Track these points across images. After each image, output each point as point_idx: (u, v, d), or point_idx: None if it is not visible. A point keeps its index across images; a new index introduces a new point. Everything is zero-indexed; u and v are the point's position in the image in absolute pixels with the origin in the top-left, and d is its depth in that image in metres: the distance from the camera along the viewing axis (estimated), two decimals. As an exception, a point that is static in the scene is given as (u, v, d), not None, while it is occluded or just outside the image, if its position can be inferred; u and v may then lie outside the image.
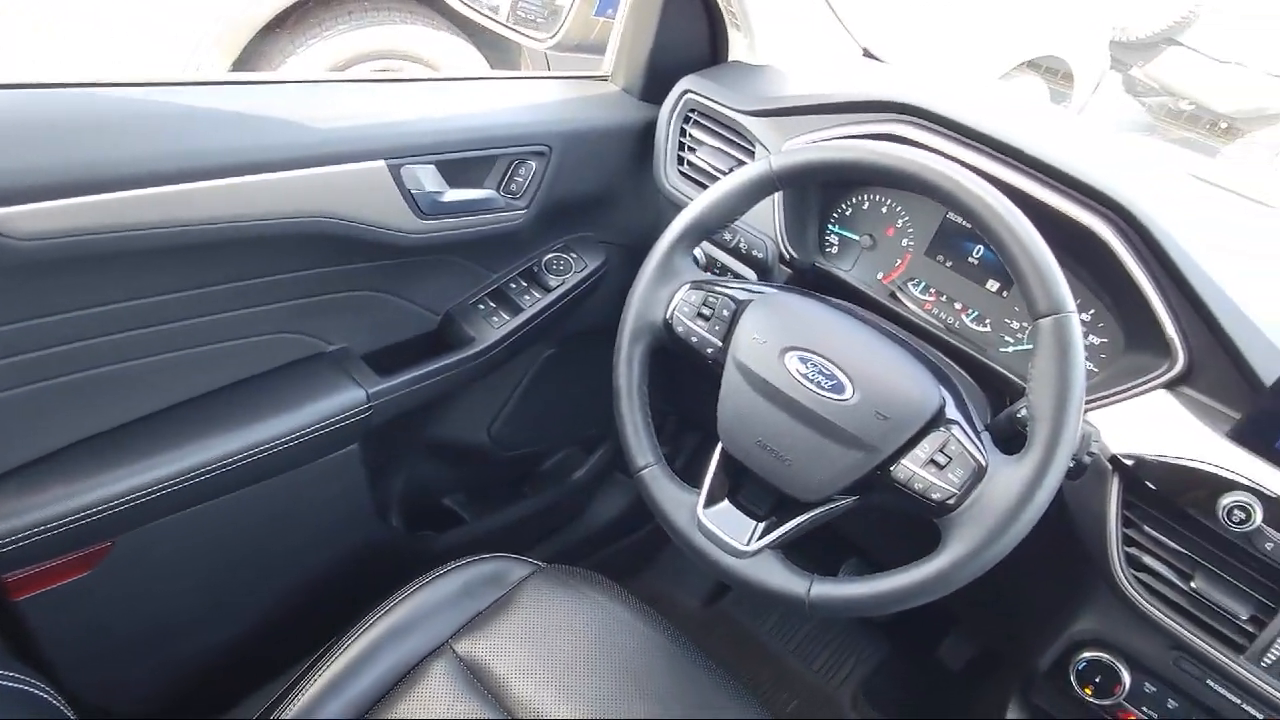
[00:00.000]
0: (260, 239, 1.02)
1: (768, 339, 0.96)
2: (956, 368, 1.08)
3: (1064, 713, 1.24)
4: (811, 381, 0.92)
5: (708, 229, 1.02)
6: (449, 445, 1.54)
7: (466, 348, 1.30)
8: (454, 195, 1.17)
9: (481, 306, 1.35)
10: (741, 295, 1.01)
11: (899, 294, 1.23)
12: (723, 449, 1.00)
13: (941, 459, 0.87)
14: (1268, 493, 0.87)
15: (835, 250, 1.28)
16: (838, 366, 0.92)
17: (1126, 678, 1.02)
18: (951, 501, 0.86)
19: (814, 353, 0.94)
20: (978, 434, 0.89)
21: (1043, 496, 0.82)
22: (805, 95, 1.21)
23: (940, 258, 1.20)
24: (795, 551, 0.96)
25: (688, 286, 1.03)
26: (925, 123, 1.12)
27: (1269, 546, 0.86)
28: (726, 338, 0.99)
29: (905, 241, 1.22)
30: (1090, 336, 1.10)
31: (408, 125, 1.12)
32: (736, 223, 1.17)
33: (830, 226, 1.28)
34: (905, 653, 1.95)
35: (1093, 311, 1.09)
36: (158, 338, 1.04)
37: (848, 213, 1.26)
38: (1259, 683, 0.90)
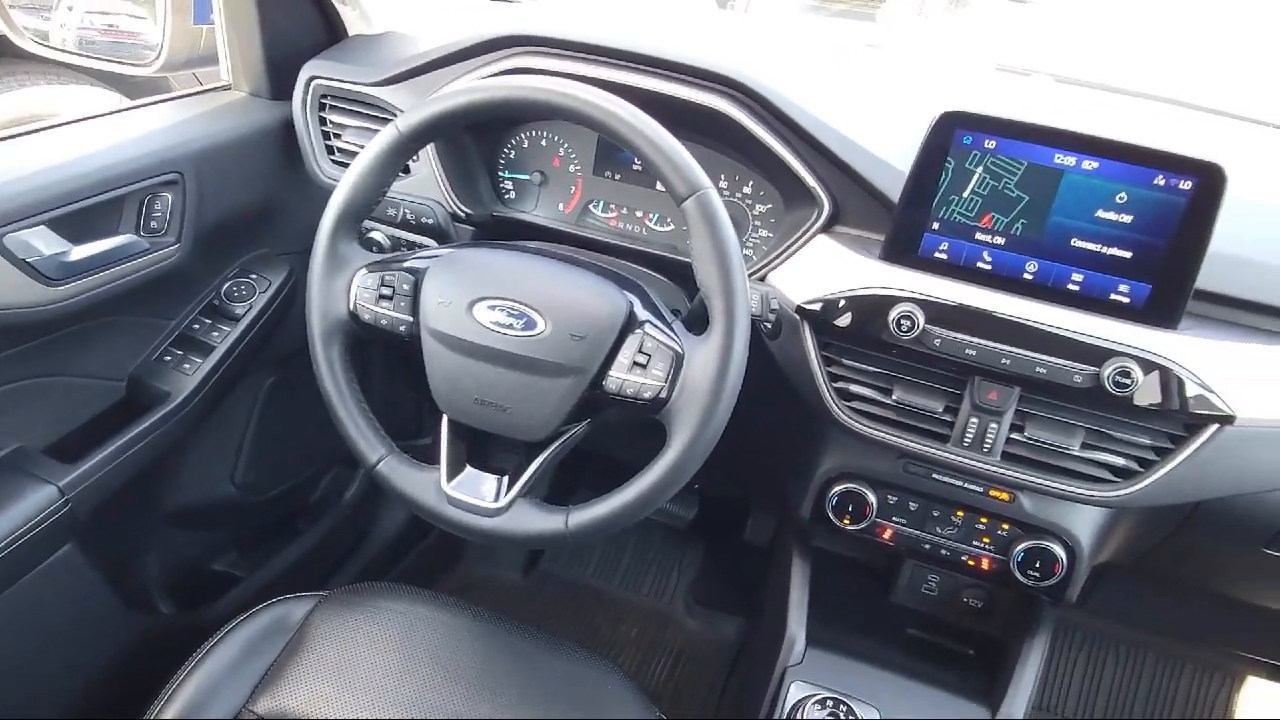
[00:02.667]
0: None
1: (452, 299, 0.94)
2: (643, 270, 1.12)
3: (840, 547, 1.35)
4: (504, 326, 0.92)
5: (359, 210, 0.99)
6: (194, 508, 1.43)
7: (163, 405, 1.20)
8: (84, 251, 1.06)
9: (169, 357, 1.25)
10: (418, 264, 0.99)
11: (585, 218, 1.25)
12: (448, 418, 0.99)
13: (642, 359, 0.90)
14: (921, 297, 0.96)
15: (514, 195, 1.28)
16: (524, 304, 0.92)
17: (872, 498, 1.12)
18: (663, 395, 0.89)
19: (500, 298, 0.93)
20: (669, 325, 0.93)
21: (736, 362, 0.87)
22: (429, 51, 1.19)
23: (609, 174, 1.23)
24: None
25: (363, 272, 0.99)
26: (549, 49, 1.13)
27: (938, 343, 0.96)
28: (415, 311, 0.97)
29: (573, 168, 1.24)
30: (756, 206, 1.17)
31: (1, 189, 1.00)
32: (397, 195, 1.14)
33: (501, 173, 1.28)
34: (718, 548, 2.05)
35: (751, 183, 1.16)
36: None
37: (512, 155, 1.26)
38: (967, 461, 1.01)
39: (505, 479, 0.96)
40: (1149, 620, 1.70)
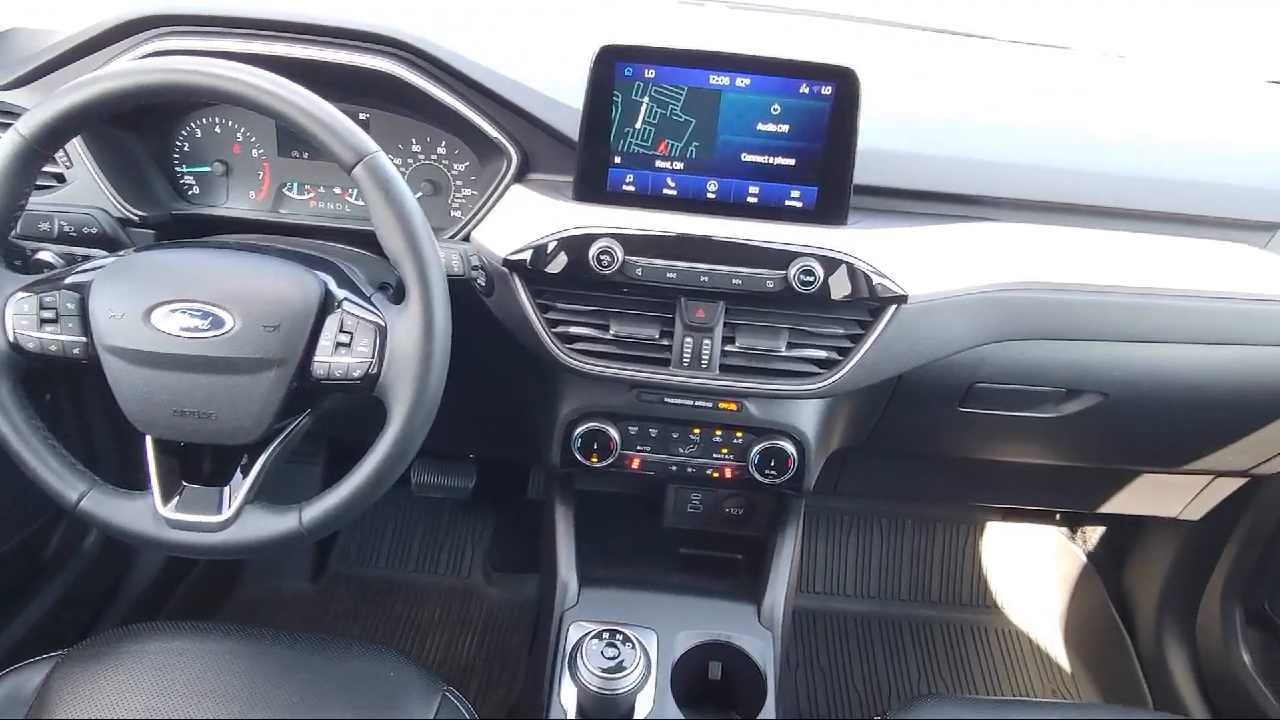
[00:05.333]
0: None
1: (124, 310, 0.87)
2: (347, 248, 1.08)
3: (602, 485, 1.39)
4: (189, 329, 0.86)
5: None
6: None
7: None
8: None
9: None
10: (81, 279, 0.90)
11: (281, 203, 1.19)
12: (150, 438, 0.92)
13: (345, 338, 0.87)
14: (616, 230, 0.99)
15: (197, 190, 1.19)
16: (208, 303, 0.87)
17: (614, 432, 1.15)
18: (373, 370, 0.87)
19: (179, 300, 0.87)
20: (368, 300, 0.90)
21: (440, 325, 0.85)
22: (60, 43, 1.07)
23: (295, 153, 1.17)
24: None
25: (18, 296, 0.89)
26: (194, 27, 1.05)
27: (639, 272, 0.99)
28: (87, 330, 0.89)
29: (256, 153, 1.17)
30: (454, 165, 1.15)
31: None
32: (44, 208, 1.04)
33: (178, 168, 1.18)
34: (506, 512, 2.05)
35: (444, 143, 1.14)
36: None
37: (186, 148, 1.17)
38: (690, 379, 1.06)
39: (227, 489, 0.91)
40: (898, 492, 1.88)
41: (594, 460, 1.16)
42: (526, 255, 1.01)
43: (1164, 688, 1.72)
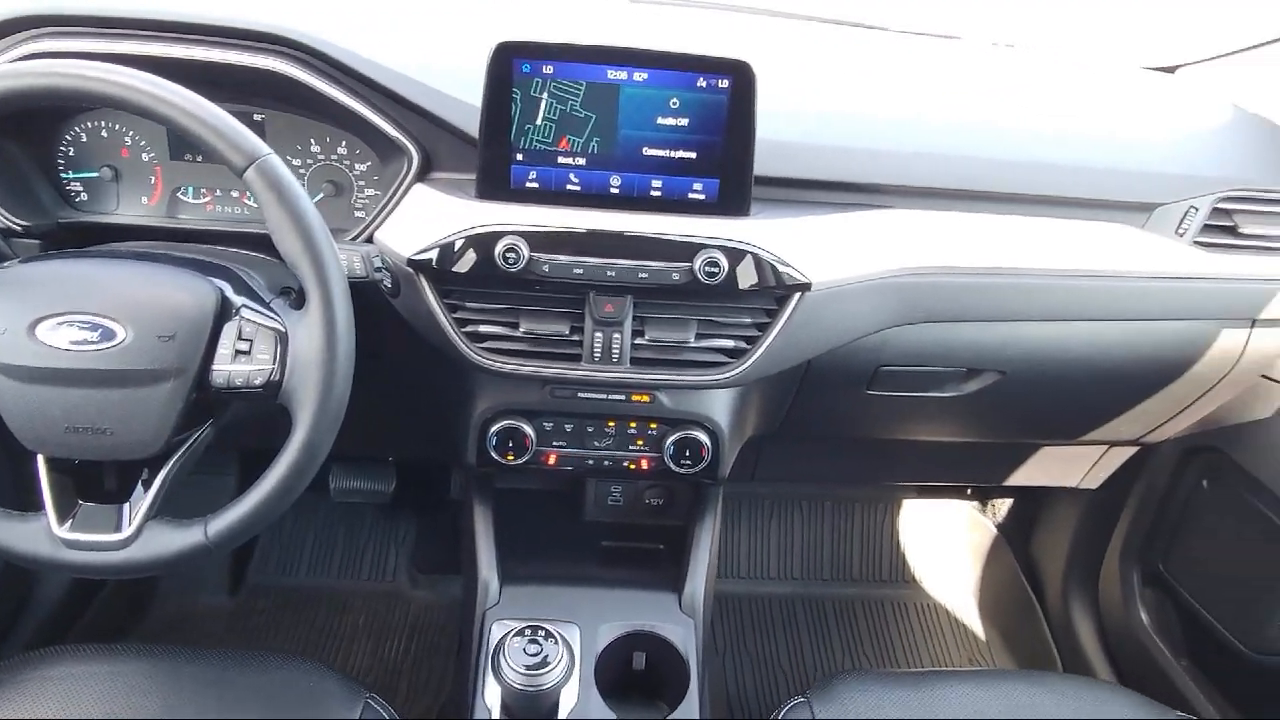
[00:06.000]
0: None
1: (6, 325, 0.83)
2: (246, 253, 1.05)
3: (522, 482, 1.39)
4: (79, 342, 0.83)
5: None
6: None
7: None
8: None
9: None
10: None
11: (176, 209, 1.15)
12: (41, 457, 0.88)
13: (244, 345, 0.85)
14: (521, 228, 0.99)
15: (85, 197, 1.15)
16: (97, 315, 0.84)
17: (529, 429, 1.15)
18: (275, 377, 0.85)
19: (66, 313, 0.84)
20: (268, 305, 0.89)
21: (342, 328, 0.84)
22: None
23: (189, 156, 1.13)
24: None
25: None
26: (73, 28, 1.01)
27: (546, 268, 0.99)
28: None
29: (146, 156, 1.13)
30: (355, 165, 1.13)
31: None
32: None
33: (63, 174, 1.14)
34: (429, 513, 2.03)
35: (344, 143, 1.12)
36: None
37: (72, 153, 1.13)
38: (602, 374, 1.06)
39: (127, 506, 0.88)
40: (815, 475, 1.92)
41: (510, 458, 1.16)
42: (432, 255, 1.00)
43: (1072, 650, 1.80)
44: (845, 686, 1.09)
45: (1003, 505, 2.07)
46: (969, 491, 2.09)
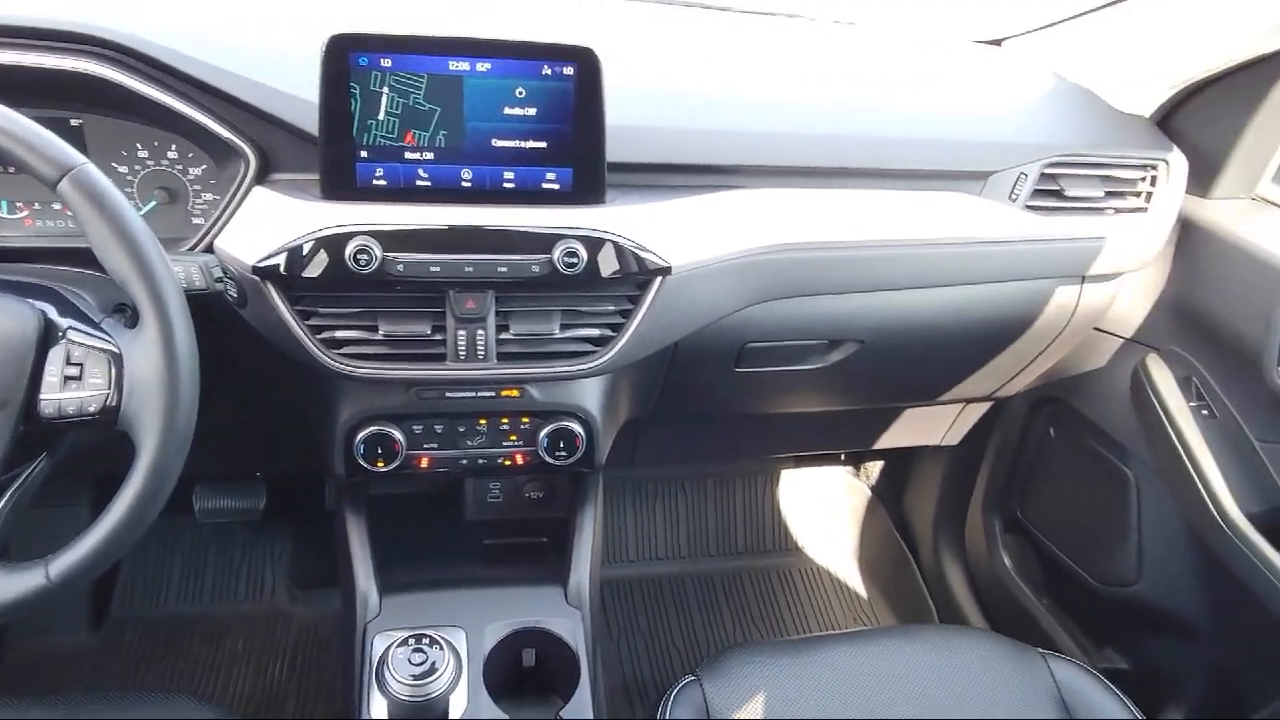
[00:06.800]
0: None
1: None
2: (72, 271, 0.98)
3: (397, 488, 1.35)
4: None
5: None
6: None
7: None
8: None
9: None
10: None
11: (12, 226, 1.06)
12: None
13: (73, 370, 0.80)
14: (370, 227, 0.95)
15: None
16: None
17: (398, 434, 1.12)
18: (112, 402, 0.80)
19: None
20: (97, 326, 0.83)
21: (183, 344, 0.79)
22: None
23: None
24: None
25: None
26: None
27: (401, 268, 0.96)
28: None
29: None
30: (189, 170, 1.07)
31: None
32: None
33: None
34: (304, 526, 1.96)
35: (175, 147, 1.06)
36: None
37: None
38: (469, 372, 1.04)
39: None
40: (694, 455, 1.95)
41: (381, 465, 1.13)
42: (278, 261, 0.95)
43: (945, 600, 1.89)
44: (733, 661, 1.12)
45: (874, 468, 2.16)
46: (842, 457, 2.17)
